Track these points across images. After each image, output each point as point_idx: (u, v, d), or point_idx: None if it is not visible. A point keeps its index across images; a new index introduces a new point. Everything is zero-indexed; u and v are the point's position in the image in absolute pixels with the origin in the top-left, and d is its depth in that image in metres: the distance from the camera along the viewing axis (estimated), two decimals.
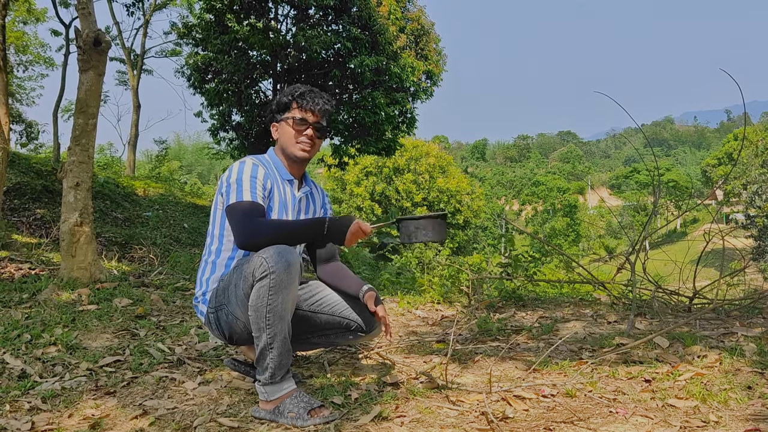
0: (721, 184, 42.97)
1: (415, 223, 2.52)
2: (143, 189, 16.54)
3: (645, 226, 5.05)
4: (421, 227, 2.52)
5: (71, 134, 5.09)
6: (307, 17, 14.40)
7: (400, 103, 15.15)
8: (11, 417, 2.32)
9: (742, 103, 4.51)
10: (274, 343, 2.30)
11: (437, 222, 2.53)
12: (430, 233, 2.52)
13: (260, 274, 2.27)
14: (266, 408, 2.34)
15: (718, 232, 4.97)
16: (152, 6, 24.31)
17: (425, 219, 2.52)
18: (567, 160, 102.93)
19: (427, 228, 2.52)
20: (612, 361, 3.03)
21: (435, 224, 2.52)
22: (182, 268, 6.66)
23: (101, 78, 5.19)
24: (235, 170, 2.55)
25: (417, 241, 2.53)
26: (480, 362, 3.18)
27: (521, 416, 2.32)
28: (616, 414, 2.30)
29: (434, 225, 2.52)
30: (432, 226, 2.52)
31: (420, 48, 16.48)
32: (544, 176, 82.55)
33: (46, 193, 11.00)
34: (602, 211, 65.51)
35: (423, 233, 2.52)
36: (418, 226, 2.52)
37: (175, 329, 3.78)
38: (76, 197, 4.99)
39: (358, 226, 2.46)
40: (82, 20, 5.11)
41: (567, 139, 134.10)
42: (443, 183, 36.80)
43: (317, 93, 2.69)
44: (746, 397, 2.42)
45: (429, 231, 2.52)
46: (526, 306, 4.88)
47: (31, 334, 3.40)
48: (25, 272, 5.48)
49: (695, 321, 3.93)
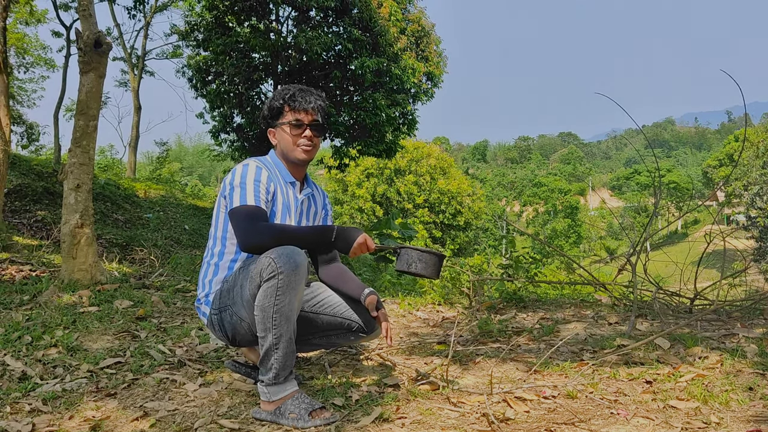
0: (722, 185, 42.95)
1: (417, 254, 2.53)
2: (144, 191, 16.56)
3: (646, 227, 5.05)
4: (422, 260, 2.53)
5: (72, 136, 5.09)
6: (308, 19, 14.41)
7: (401, 105, 15.15)
8: (12, 419, 2.32)
9: (743, 104, 4.51)
10: (280, 344, 2.30)
11: (437, 259, 2.55)
12: (429, 268, 2.53)
13: (268, 275, 2.26)
14: (268, 409, 2.34)
15: (720, 233, 4.97)
16: (153, 8, 24.34)
17: (428, 253, 2.53)
18: (568, 161, 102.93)
19: (428, 262, 2.53)
20: (613, 363, 3.02)
21: (435, 260, 2.54)
22: (183, 270, 6.66)
23: (102, 80, 5.19)
24: (239, 173, 2.54)
25: (412, 271, 2.52)
26: (481, 363, 3.18)
27: (522, 417, 2.31)
28: (617, 415, 2.29)
29: (434, 261, 2.54)
30: (432, 262, 2.53)
31: (421, 49, 16.50)
32: (545, 177, 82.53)
33: (47, 195, 11.01)
34: (603, 212, 65.51)
35: (422, 266, 2.52)
36: (420, 258, 2.53)
37: (176, 331, 3.78)
38: (77, 199, 5.00)
39: (365, 240, 2.47)
40: (83, 22, 5.11)
41: (568, 140, 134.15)
42: (444, 184, 36.77)
43: (307, 91, 2.67)
44: (747, 399, 2.42)
45: (428, 266, 2.53)
46: (527, 307, 4.88)
47: (31, 335, 3.40)
48: (25, 274, 5.48)
49: (696, 322, 3.92)
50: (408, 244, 2.62)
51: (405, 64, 14.85)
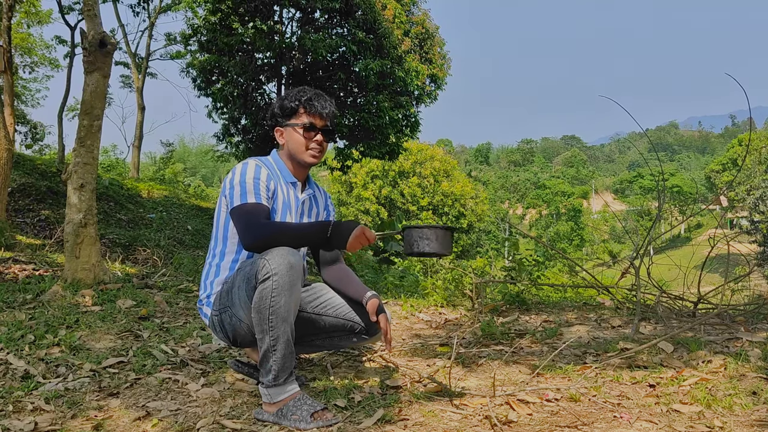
0: (725, 190, 42.87)
1: (419, 232, 2.40)
2: (147, 191, 16.57)
3: (649, 230, 5.04)
4: (425, 236, 2.39)
5: (76, 135, 5.10)
6: (313, 20, 14.42)
7: (404, 107, 15.15)
8: (14, 417, 2.32)
9: (748, 108, 4.50)
10: (278, 345, 2.30)
11: (443, 233, 2.41)
12: (435, 244, 2.38)
13: (263, 276, 2.26)
14: (269, 410, 2.34)
15: (723, 236, 4.96)
16: (157, 9, 24.39)
17: (430, 228, 2.40)
18: (571, 164, 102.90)
19: (431, 238, 2.38)
20: (616, 366, 3.02)
21: (440, 235, 2.40)
22: (186, 270, 6.66)
23: (106, 79, 5.20)
24: (238, 172, 2.55)
25: (421, 252, 2.38)
26: (484, 366, 3.17)
27: (525, 420, 2.31)
28: (620, 419, 2.29)
29: (439, 236, 2.40)
30: (437, 237, 2.39)
31: (424, 52, 16.49)
32: (549, 180, 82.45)
33: (51, 195, 11.03)
34: (606, 215, 65.46)
35: (427, 243, 2.38)
36: (422, 235, 2.40)
37: (179, 331, 3.78)
38: (81, 198, 5.00)
39: (362, 232, 2.40)
40: (88, 22, 5.12)
41: (571, 143, 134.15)
42: (448, 187, 36.81)
43: (323, 96, 2.68)
44: (751, 403, 2.41)
45: (434, 242, 2.38)
46: (530, 310, 4.87)
47: (34, 334, 3.40)
48: (29, 273, 5.49)
49: (700, 326, 3.91)
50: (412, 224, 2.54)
51: (409, 66, 14.84)
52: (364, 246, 2.44)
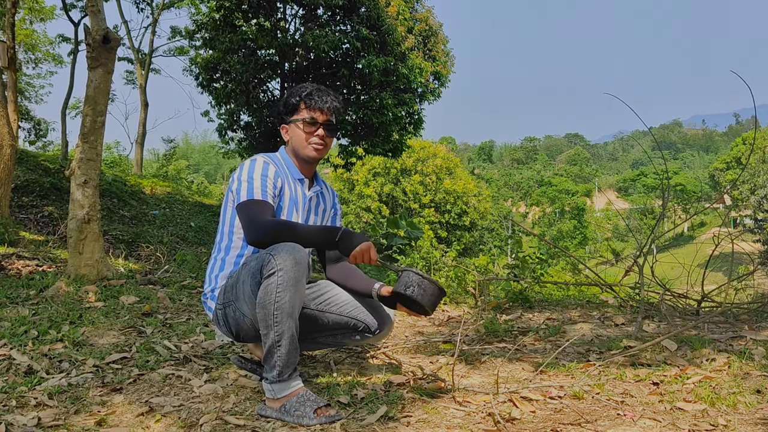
0: (729, 189, 42.80)
1: (418, 278, 2.43)
2: (150, 187, 16.60)
3: (653, 228, 5.03)
4: (421, 286, 2.42)
5: (80, 131, 5.10)
6: (316, 17, 14.40)
7: (408, 104, 15.12)
8: (18, 413, 2.33)
9: (753, 106, 4.48)
10: (282, 341, 2.30)
11: (438, 292, 2.45)
12: (425, 297, 2.41)
13: (268, 272, 2.26)
14: (273, 406, 2.34)
15: (727, 235, 4.95)
16: (161, 5, 24.39)
17: (430, 282, 2.43)
18: (574, 162, 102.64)
19: (427, 292, 2.41)
20: (620, 364, 3.01)
21: (433, 290, 2.43)
22: (189, 267, 6.67)
23: (110, 75, 5.20)
24: (246, 168, 2.56)
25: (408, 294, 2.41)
26: (487, 363, 3.17)
27: (528, 418, 2.30)
28: (623, 416, 2.28)
29: (432, 291, 2.43)
30: (430, 291, 2.42)
31: (428, 49, 16.46)
32: (553, 178, 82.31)
33: (54, 191, 11.05)
34: (609, 213, 65.37)
35: (419, 291, 2.41)
36: (420, 283, 2.42)
37: (182, 327, 3.79)
38: (84, 195, 5.01)
39: (369, 248, 2.40)
40: (92, 18, 5.12)
41: (574, 141, 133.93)
42: (450, 184, 36.73)
43: (325, 91, 2.68)
44: (755, 401, 2.40)
45: (427, 296, 2.41)
46: (533, 307, 4.87)
47: (38, 330, 3.41)
48: (32, 269, 5.50)
49: (703, 324, 3.91)
50: (413, 268, 2.54)
51: (412, 63, 14.82)
52: (363, 263, 2.43)
